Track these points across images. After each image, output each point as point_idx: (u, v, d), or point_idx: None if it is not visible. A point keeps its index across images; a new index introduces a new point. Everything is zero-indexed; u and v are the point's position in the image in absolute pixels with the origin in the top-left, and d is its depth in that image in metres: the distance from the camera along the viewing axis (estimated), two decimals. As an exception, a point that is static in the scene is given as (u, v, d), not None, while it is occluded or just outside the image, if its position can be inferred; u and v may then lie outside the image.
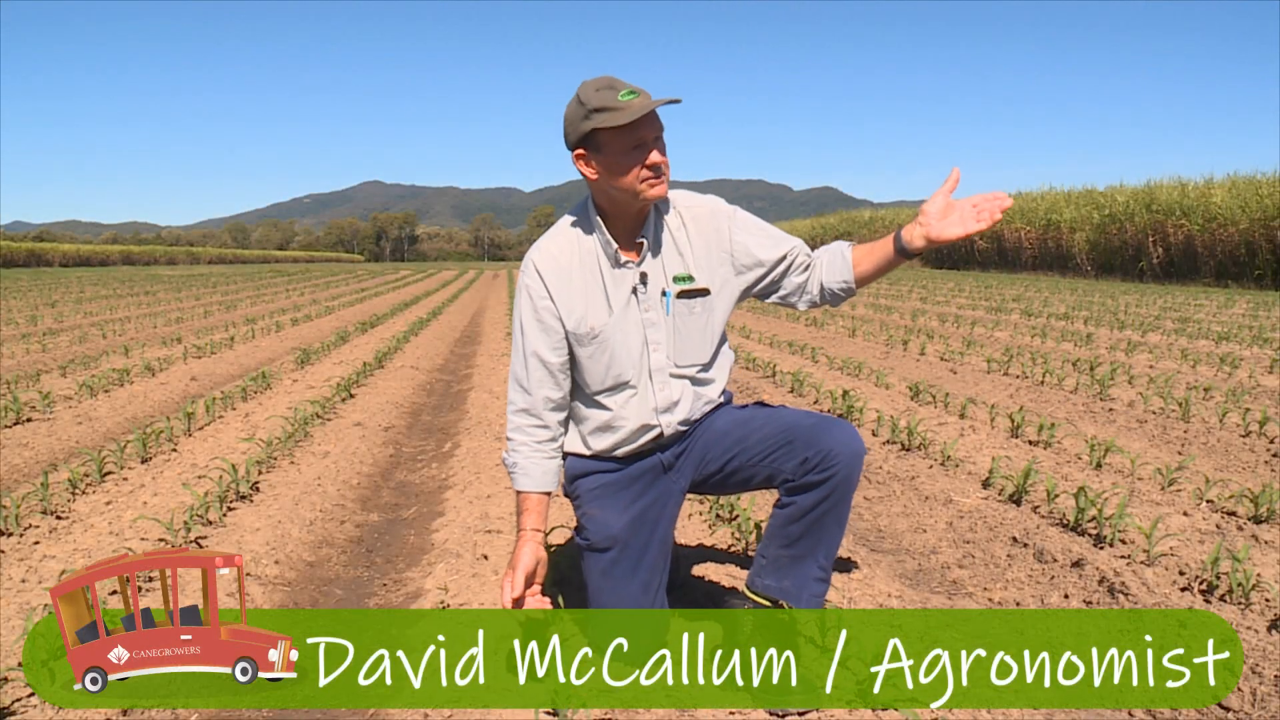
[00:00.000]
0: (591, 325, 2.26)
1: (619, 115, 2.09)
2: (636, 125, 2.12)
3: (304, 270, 43.37)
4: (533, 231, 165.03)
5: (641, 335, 2.28)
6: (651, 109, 2.10)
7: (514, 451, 2.31)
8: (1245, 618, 2.43)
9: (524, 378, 2.30)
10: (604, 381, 2.30)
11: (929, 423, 5.16)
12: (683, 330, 2.30)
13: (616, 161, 2.15)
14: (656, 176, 2.17)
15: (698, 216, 2.34)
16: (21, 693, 2.22)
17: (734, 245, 2.34)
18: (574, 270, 2.28)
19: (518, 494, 2.32)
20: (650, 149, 2.15)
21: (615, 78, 2.16)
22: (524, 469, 2.30)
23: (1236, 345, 8.72)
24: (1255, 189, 20.80)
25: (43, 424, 5.36)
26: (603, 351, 2.27)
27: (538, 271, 2.29)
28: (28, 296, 18.76)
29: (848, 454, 2.14)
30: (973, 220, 2.18)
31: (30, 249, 55.02)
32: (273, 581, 3.04)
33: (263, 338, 10.68)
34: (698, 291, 2.30)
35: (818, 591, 2.21)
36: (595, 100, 2.12)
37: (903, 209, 43.48)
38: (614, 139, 2.14)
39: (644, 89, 2.14)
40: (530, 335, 2.29)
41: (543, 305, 2.27)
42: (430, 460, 4.94)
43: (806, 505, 2.15)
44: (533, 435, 2.31)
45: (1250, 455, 4.43)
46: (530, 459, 2.29)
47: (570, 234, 2.31)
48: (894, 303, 15.21)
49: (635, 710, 2.05)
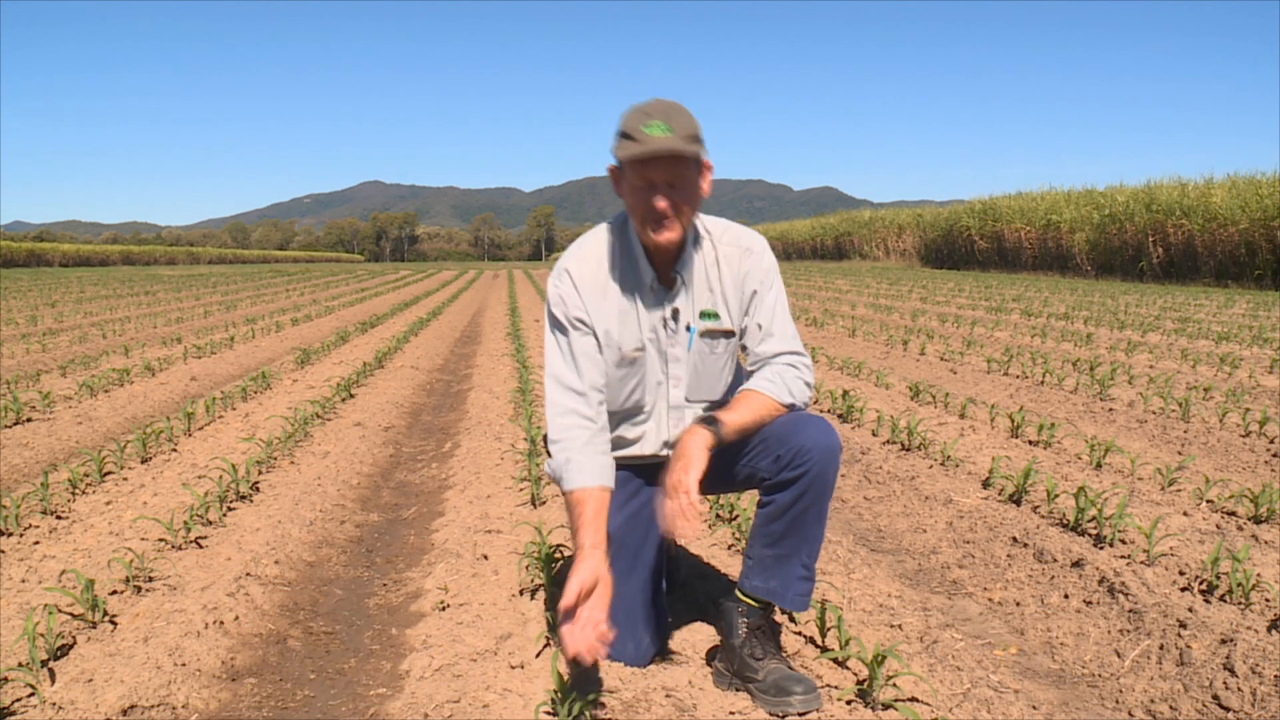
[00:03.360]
0: (628, 349, 2.22)
1: (628, 149, 2.03)
2: (645, 164, 2.04)
3: (304, 270, 43.35)
4: (532, 231, 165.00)
5: (663, 368, 2.28)
6: (657, 153, 2.01)
7: (564, 449, 2.13)
8: (1245, 618, 2.43)
9: (570, 373, 2.17)
10: (620, 405, 2.29)
11: (929, 423, 5.16)
12: (701, 369, 2.30)
13: (629, 193, 2.12)
14: (657, 222, 2.09)
15: (729, 256, 2.27)
16: (21, 693, 2.23)
17: (749, 300, 2.29)
18: (609, 289, 2.21)
19: (569, 497, 2.09)
20: (655, 193, 2.07)
21: (668, 105, 2.06)
22: (578, 464, 2.09)
23: (1236, 345, 8.72)
24: (1255, 189, 20.80)
25: (43, 424, 5.36)
26: (634, 375, 2.25)
27: (574, 282, 2.20)
28: (28, 296, 18.76)
29: (820, 449, 2.12)
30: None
31: (30, 249, 54.98)
32: (273, 581, 3.04)
33: (263, 338, 10.68)
34: (723, 333, 2.28)
35: (803, 590, 2.21)
36: (625, 123, 2.05)
37: (902, 209, 43.48)
38: (628, 169, 2.09)
39: (681, 125, 2.02)
40: (574, 336, 2.19)
41: (578, 315, 2.19)
42: (430, 460, 4.94)
43: (785, 503, 2.15)
44: (584, 430, 2.14)
45: (1250, 455, 4.43)
46: (583, 453, 2.11)
47: (609, 250, 2.24)
48: (894, 303, 15.21)
49: (635, 710, 2.05)
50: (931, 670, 2.34)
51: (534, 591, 2.81)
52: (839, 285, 20.97)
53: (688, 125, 2.05)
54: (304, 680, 2.46)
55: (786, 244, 50.83)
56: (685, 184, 2.09)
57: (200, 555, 3.19)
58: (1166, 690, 2.23)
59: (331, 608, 2.96)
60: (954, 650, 2.46)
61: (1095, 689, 2.33)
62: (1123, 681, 2.32)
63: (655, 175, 2.06)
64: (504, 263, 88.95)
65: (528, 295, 19.49)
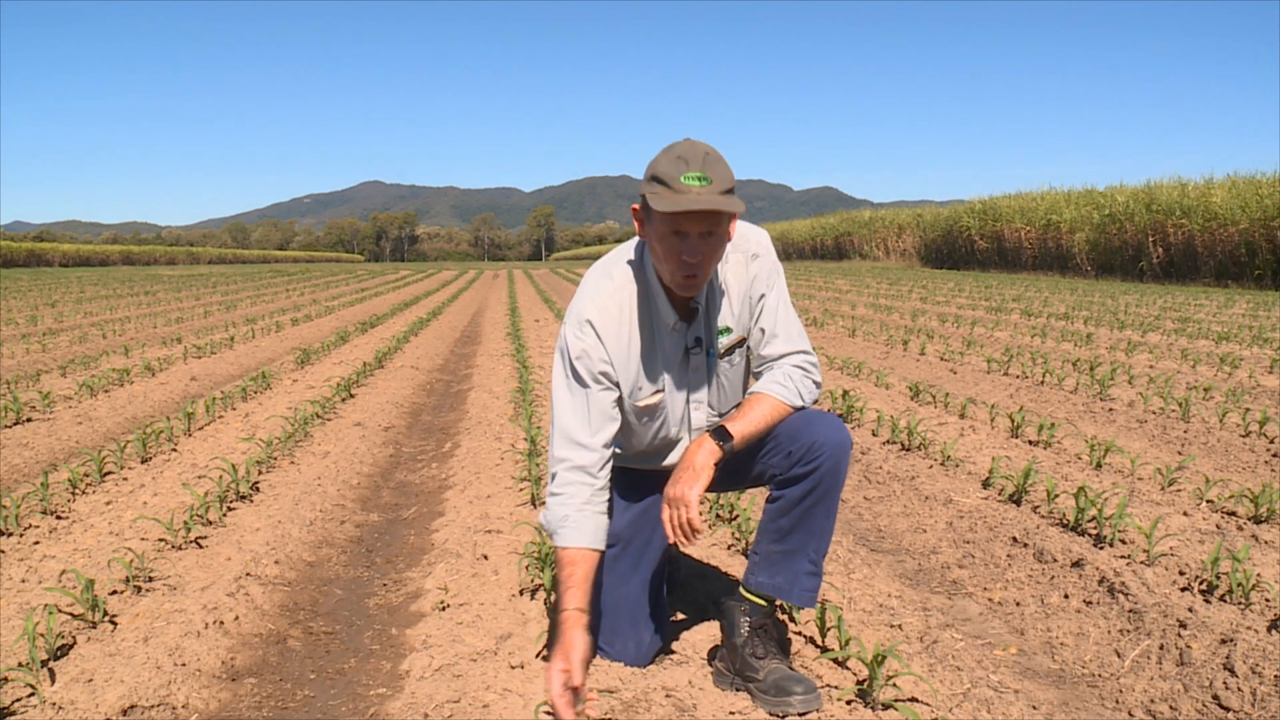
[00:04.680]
0: (646, 394, 2.21)
1: (664, 200, 1.97)
2: (680, 216, 1.99)
3: (304, 270, 43.35)
4: (532, 231, 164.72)
5: (686, 395, 2.28)
6: (696, 210, 1.96)
7: (562, 504, 2.10)
8: (1245, 618, 2.43)
9: (582, 430, 2.13)
10: (650, 444, 2.31)
11: (929, 423, 5.16)
12: (723, 384, 2.31)
13: (657, 239, 2.07)
14: (688, 274, 2.05)
15: (735, 264, 2.25)
16: (21, 693, 2.23)
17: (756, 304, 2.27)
18: (632, 337, 2.17)
19: (561, 554, 2.09)
20: (687, 243, 2.02)
21: (705, 153, 2.01)
22: (575, 523, 2.08)
23: (1236, 345, 8.71)
24: (1255, 189, 20.78)
25: (43, 424, 5.36)
26: (655, 419, 2.26)
27: (597, 335, 2.14)
28: (28, 296, 18.76)
29: (832, 445, 2.12)
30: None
31: (30, 249, 54.95)
32: (273, 581, 3.04)
33: (263, 338, 10.68)
34: (737, 344, 2.29)
35: (810, 586, 2.20)
36: (660, 168, 2.01)
37: (902, 209, 43.49)
38: (659, 219, 2.02)
39: (719, 177, 1.98)
40: (594, 392, 2.14)
41: (603, 369, 2.14)
42: (430, 460, 4.94)
43: (795, 498, 2.15)
44: (586, 488, 2.12)
45: (1250, 455, 4.43)
46: (582, 511, 2.09)
47: (628, 294, 2.19)
48: (894, 303, 15.21)
49: (635, 710, 2.05)
50: (931, 670, 2.34)
51: (534, 591, 2.81)
52: (839, 285, 20.97)
53: (725, 178, 2.00)
54: (304, 680, 2.46)
55: (786, 244, 50.83)
56: (718, 237, 2.05)
57: (200, 555, 3.19)
58: (1166, 690, 2.23)
59: (331, 608, 2.96)
60: (954, 650, 2.46)
61: (1095, 689, 2.33)
62: (1123, 681, 2.32)
63: (690, 228, 2.00)
64: (504, 263, 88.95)
65: (528, 295, 19.49)
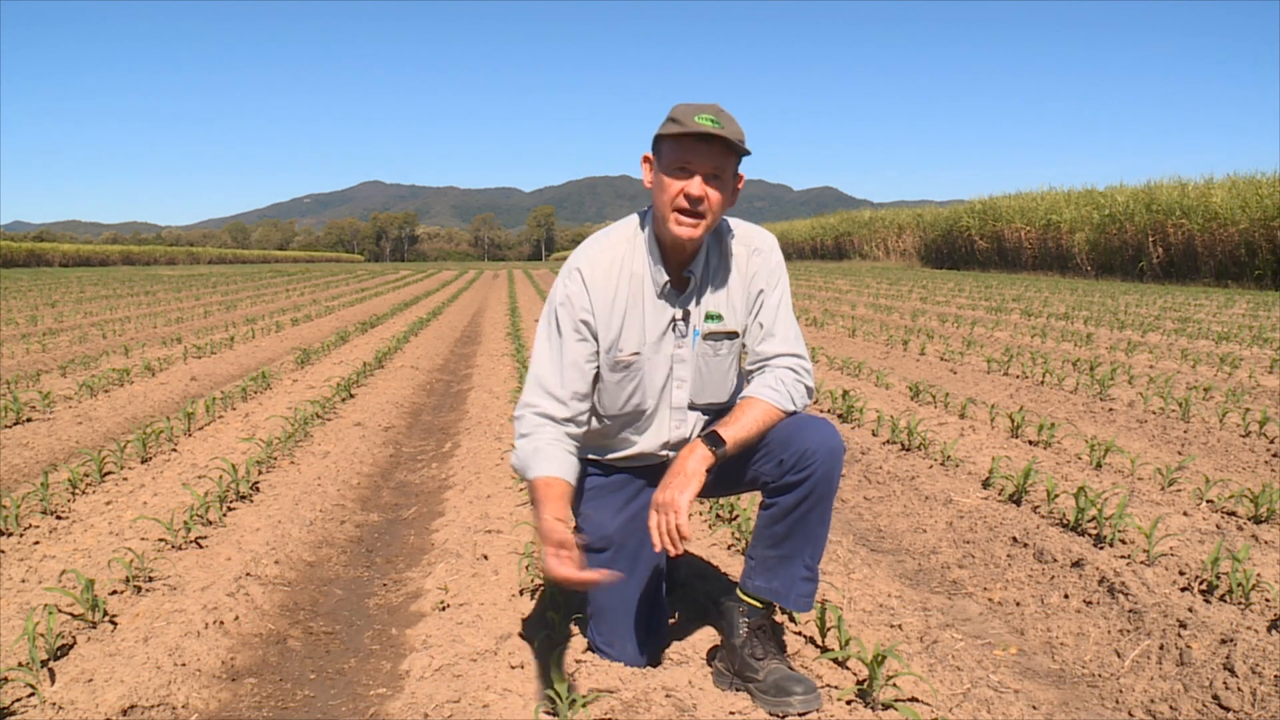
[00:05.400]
0: (624, 353, 2.21)
1: (676, 125, 2.04)
2: (687, 145, 2.05)
3: (304, 270, 43.34)
4: (532, 231, 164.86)
5: (668, 369, 2.26)
6: (706, 130, 2.01)
7: (532, 441, 2.12)
8: (1245, 618, 2.43)
9: (554, 378, 2.17)
10: (621, 408, 2.27)
11: (929, 423, 5.16)
12: (705, 371, 2.28)
13: (662, 175, 2.11)
14: (690, 213, 2.08)
15: (738, 256, 2.27)
16: (21, 693, 2.23)
17: (754, 300, 2.28)
18: (619, 291, 2.19)
19: (533, 483, 2.08)
20: (693, 176, 2.06)
21: (719, 108, 2.09)
22: (546, 454, 2.09)
23: (1236, 345, 8.71)
24: (1255, 189, 20.78)
25: (43, 424, 5.36)
26: (630, 380, 2.24)
27: (584, 282, 2.18)
28: (28, 296, 18.76)
29: (824, 452, 2.12)
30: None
31: (30, 249, 54.92)
32: (273, 581, 3.04)
33: (263, 338, 10.68)
34: (726, 334, 2.27)
35: (805, 591, 2.20)
36: (675, 111, 2.08)
37: (902, 209, 43.49)
38: (667, 150, 2.10)
39: (730, 125, 2.05)
40: (569, 342, 2.17)
41: (583, 317, 2.18)
42: (430, 460, 4.94)
43: (788, 505, 2.14)
44: (553, 429, 2.15)
45: (1250, 455, 4.43)
46: (552, 445, 2.11)
47: (623, 249, 2.22)
48: (894, 303, 15.21)
49: (635, 710, 2.05)
50: (931, 670, 2.34)
51: (534, 591, 2.81)
52: (839, 285, 20.97)
53: (737, 131, 2.08)
54: (304, 680, 2.46)
55: (786, 244, 50.87)
56: (723, 178, 2.10)
57: (200, 555, 3.19)
58: (1166, 690, 2.23)
59: (331, 608, 2.96)
60: (954, 650, 2.46)
61: (1095, 689, 2.33)
62: (1123, 681, 2.32)
63: (697, 159, 2.06)
64: (504, 263, 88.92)
65: (528, 295, 19.49)
